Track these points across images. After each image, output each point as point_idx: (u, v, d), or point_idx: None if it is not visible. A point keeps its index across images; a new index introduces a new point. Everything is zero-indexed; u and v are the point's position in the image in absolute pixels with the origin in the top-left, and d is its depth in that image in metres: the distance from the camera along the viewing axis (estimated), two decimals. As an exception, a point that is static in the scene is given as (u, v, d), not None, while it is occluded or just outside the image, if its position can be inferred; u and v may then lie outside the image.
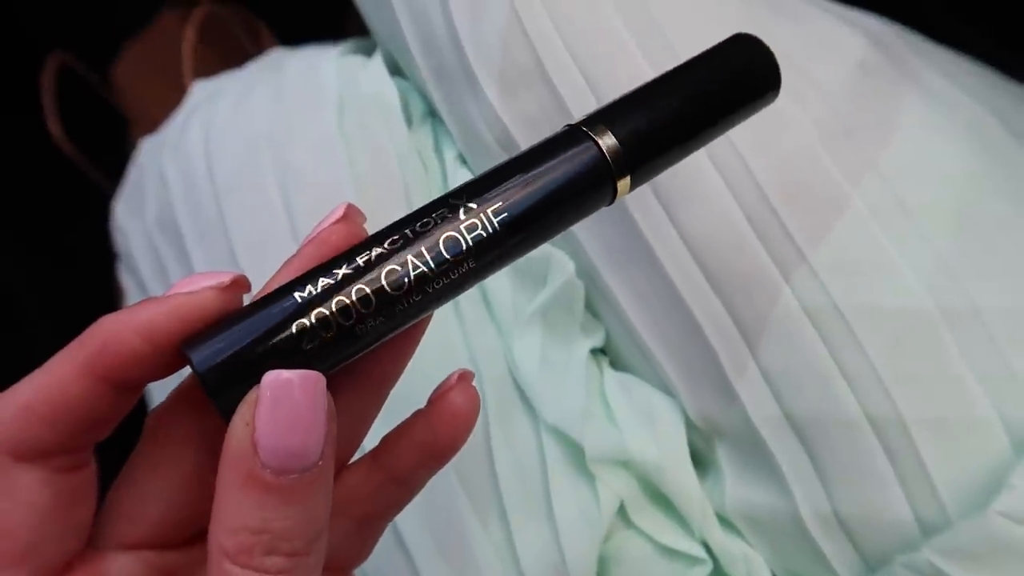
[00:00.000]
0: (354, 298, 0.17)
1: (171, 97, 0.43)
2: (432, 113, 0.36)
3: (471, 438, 0.30)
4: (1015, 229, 0.30)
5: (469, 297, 0.32)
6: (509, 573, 0.29)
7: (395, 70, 0.37)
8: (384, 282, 0.17)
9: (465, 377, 0.21)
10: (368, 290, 0.17)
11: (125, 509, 0.20)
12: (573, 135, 0.19)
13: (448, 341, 0.31)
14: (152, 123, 0.42)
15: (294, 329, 0.17)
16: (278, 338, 0.17)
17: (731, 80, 0.20)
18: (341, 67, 0.36)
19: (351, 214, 0.19)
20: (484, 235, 0.18)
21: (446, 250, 0.18)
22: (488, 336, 0.32)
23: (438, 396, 0.21)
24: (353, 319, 0.17)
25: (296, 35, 0.48)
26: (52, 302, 0.55)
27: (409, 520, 0.29)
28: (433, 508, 0.30)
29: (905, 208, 0.29)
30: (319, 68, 0.36)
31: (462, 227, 0.18)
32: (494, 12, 0.30)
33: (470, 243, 0.18)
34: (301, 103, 0.35)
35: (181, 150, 0.36)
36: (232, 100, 0.36)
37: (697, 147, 0.21)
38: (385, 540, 0.30)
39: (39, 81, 0.58)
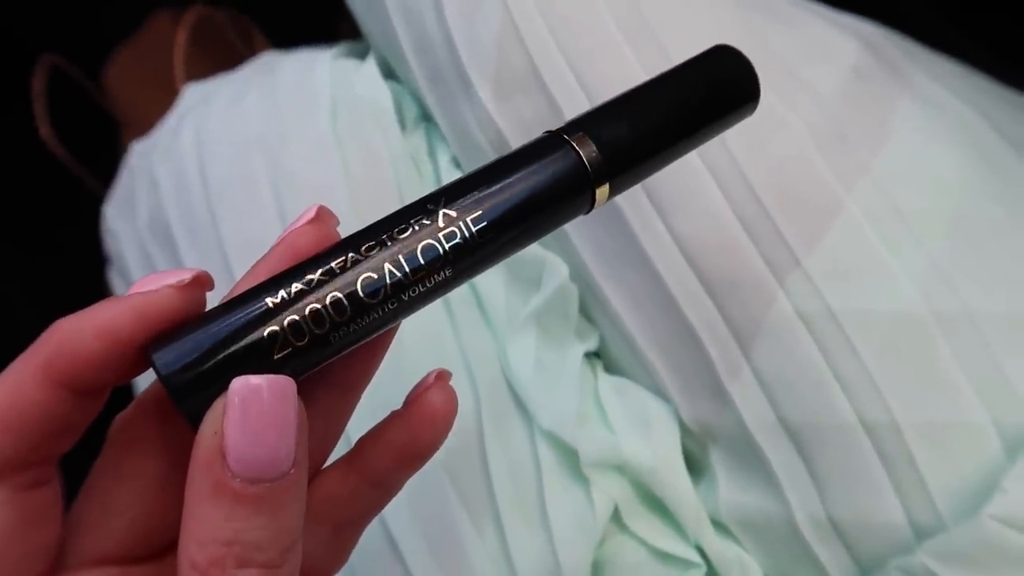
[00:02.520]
0: (328, 305, 0.17)
1: (163, 100, 0.43)
2: (426, 117, 0.35)
3: (465, 442, 0.30)
4: (1008, 233, 0.30)
5: (463, 300, 0.32)
6: (503, 578, 0.29)
7: (389, 73, 0.37)
8: (360, 289, 0.17)
9: (443, 376, 0.21)
10: (343, 297, 0.17)
11: (92, 523, 0.19)
12: (552, 142, 0.19)
13: (442, 345, 0.31)
14: (144, 126, 0.41)
15: (265, 335, 0.16)
16: (247, 342, 0.16)
17: (711, 91, 0.20)
18: (334, 70, 0.36)
19: (322, 215, 0.19)
20: (462, 242, 0.18)
21: (423, 257, 0.17)
22: (482, 340, 0.31)
23: (415, 396, 0.20)
24: (327, 326, 0.17)
25: (289, 38, 0.48)
26: (42, 304, 0.54)
27: (403, 525, 0.29)
28: (427, 513, 0.29)
29: (899, 212, 0.29)
30: (312, 71, 0.36)
31: (440, 234, 0.18)
32: (488, 15, 0.30)
33: (447, 250, 0.18)
34: (294, 106, 0.35)
35: (173, 153, 0.36)
36: (225, 103, 0.36)
37: (677, 156, 0.20)
38: (379, 545, 0.29)
39: (30, 84, 0.57)
